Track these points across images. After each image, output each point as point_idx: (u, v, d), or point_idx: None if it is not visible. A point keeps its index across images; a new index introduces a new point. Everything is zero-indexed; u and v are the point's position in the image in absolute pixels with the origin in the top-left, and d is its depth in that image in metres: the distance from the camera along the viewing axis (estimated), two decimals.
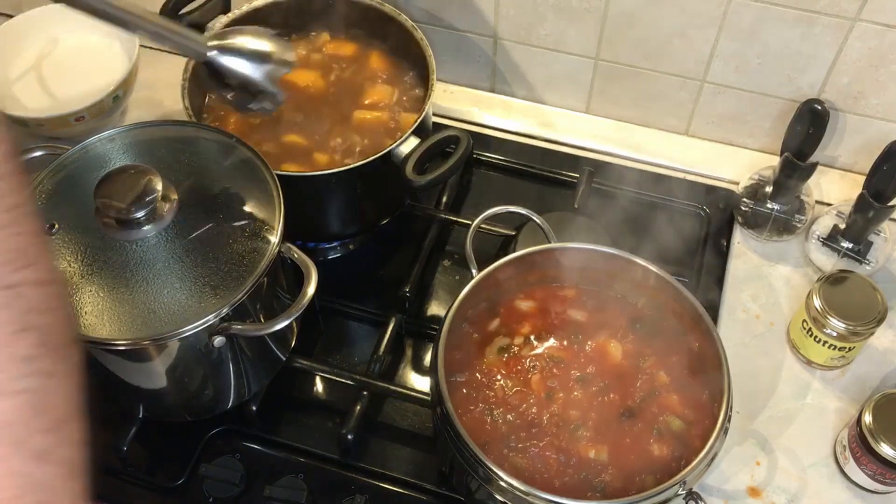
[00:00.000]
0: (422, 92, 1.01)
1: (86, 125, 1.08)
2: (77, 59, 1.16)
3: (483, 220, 0.92)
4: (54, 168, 0.82)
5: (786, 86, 1.06)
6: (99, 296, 0.74)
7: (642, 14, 1.05)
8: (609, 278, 0.88)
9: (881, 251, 1.02)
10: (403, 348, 1.00)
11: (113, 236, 0.76)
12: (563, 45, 1.13)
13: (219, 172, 0.81)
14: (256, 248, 0.78)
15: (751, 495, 0.88)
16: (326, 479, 0.89)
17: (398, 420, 0.94)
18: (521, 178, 1.14)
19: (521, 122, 1.20)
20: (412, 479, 0.90)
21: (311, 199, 0.95)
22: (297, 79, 1.04)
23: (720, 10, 1.01)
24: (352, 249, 1.08)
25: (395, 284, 1.01)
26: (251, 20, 1.04)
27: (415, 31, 1.01)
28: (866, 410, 0.84)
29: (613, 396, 0.83)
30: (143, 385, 0.83)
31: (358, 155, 0.97)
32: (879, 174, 0.96)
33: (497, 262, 0.85)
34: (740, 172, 1.11)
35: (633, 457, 0.79)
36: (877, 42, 0.98)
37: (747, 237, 1.07)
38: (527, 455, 0.79)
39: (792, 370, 0.97)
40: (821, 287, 0.91)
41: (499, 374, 0.84)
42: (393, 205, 1.05)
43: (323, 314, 1.02)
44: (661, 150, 1.16)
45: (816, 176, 1.02)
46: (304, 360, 0.94)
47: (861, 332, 0.90)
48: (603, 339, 0.86)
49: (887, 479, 0.85)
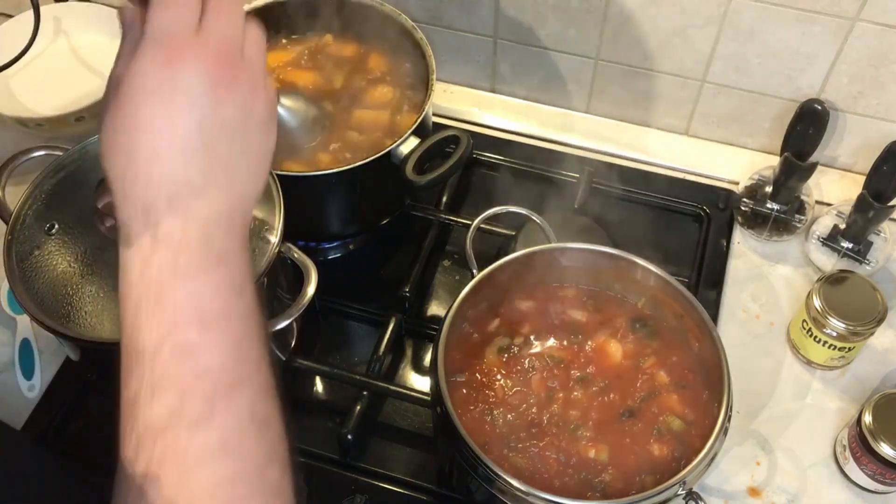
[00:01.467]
0: (422, 92, 1.01)
1: (86, 125, 1.08)
2: (77, 59, 1.16)
3: (483, 220, 0.92)
4: (54, 168, 0.81)
5: (786, 86, 1.06)
6: (99, 296, 0.74)
7: (642, 14, 1.05)
8: (609, 278, 0.88)
9: (881, 251, 1.02)
10: (403, 348, 1.00)
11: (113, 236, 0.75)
12: (563, 45, 1.13)
13: None
14: (256, 247, 0.78)
15: (751, 495, 0.88)
16: (326, 479, 0.89)
17: (398, 420, 0.94)
18: (521, 178, 1.14)
19: (521, 122, 1.20)
20: (412, 479, 0.90)
21: (311, 199, 0.95)
22: (297, 79, 1.04)
23: (720, 10, 1.01)
24: (352, 249, 1.08)
25: (395, 284, 1.01)
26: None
27: (415, 31, 1.01)
28: (866, 410, 0.84)
29: (613, 396, 0.83)
30: None
31: (358, 155, 0.97)
32: (879, 174, 0.96)
33: (497, 262, 0.85)
34: (740, 172, 1.11)
35: (633, 457, 0.79)
36: (877, 42, 0.98)
37: (747, 237, 1.07)
38: (527, 455, 0.79)
39: (792, 370, 0.97)
40: (821, 287, 0.91)
41: (499, 374, 0.84)
42: (393, 205, 1.05)
43: (323, 314, 1.02)
44: (661, 150, 1.16)
45: (816, 176, 1.02)
46: (304, 360, 0.94)
47: (861, 332, 0.90)
48: (603, 339, 0.86)
49: (887, 479, 0.85)
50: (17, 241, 0.77)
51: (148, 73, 0.50)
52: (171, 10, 0.52)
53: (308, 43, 1.08)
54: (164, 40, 0.51)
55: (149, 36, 0.51)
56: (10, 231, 0.77)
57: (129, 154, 0.50)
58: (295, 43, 1.08)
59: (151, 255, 0.50)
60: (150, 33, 0.51)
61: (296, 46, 1.07)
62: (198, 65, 0.51)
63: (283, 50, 1.07)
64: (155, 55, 0.51)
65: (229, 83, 0.52)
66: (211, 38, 0.52)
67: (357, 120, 1.01)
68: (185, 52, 0.51)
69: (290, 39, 1.08)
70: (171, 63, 0.50)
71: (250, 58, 0.54)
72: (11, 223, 0.78)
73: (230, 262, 0.52)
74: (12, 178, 0.85)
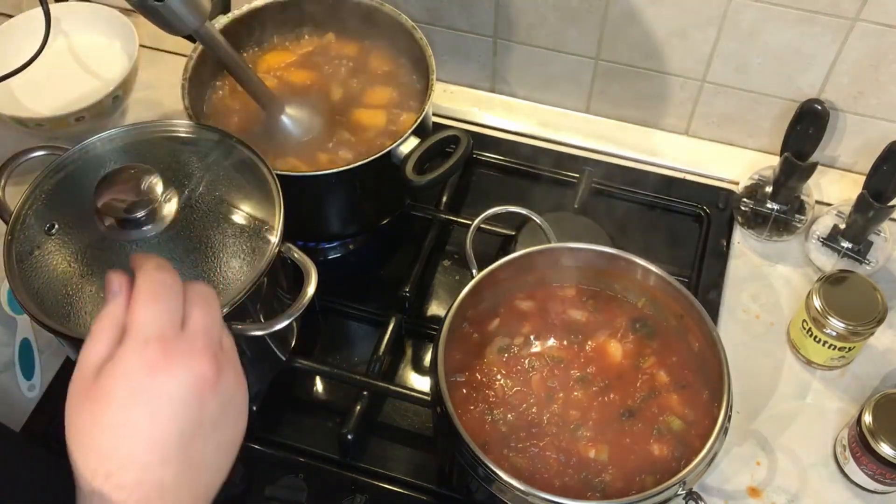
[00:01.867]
0: (422, 92, 1.01)
1: (86, 125, 1.08)
2: (77, 59, 1.16)
3: (483, 220, 0.92)
4: (54, 168, 0.81)
5: (786, 86, 1.06)
6: (99, 296, 0.74)
7: (642, 14, 1.05)
8: (609, 278, 0.88)
9: (881, 251, 1.02)
10: (403, 348, 1.00)
11: (113, 236, 0.75)
12: (563, 45, 1.13)
13: (219, 172, 0.81)
14: (256, 247, 0.78)
15: (751, 495, 0.88)
16: (326, 479, 0.89)
17: (398, 420, 0.94)
18: (521, 178, 1.14)
19: (521, 122, 1.20)
20: (412, 479, 0.90)
21: (311, 199, 0.95)
22: (297, 79, 1.04)
23: (720, 10, 1.01)
24: (352, 249, 1.08)
25: (395, 284, 1.01)
26: (251, 20, 1.04)
27: (415, 31, 1.01)
28: (866, 410, 0.84)
29: (613, 396, 0.83)
30: None
31: (357, 155, 0.97)
32: (879, 174, 0.96)
33: (497, 262, 0.85)
34: (740, 172, 1.11)
35: (633, 457, 0.79)
36: (877, 42, 0.98)
37: (747, 237, 1.07)
38: (527, 455, 0.79)
39: (792, 370, 0.97)
40: (821, 287, 0.91)
41: (499, 374, 0.84)
42: (393, 205, 1.05)
43: (323, 314, 1.02)
44: (660, 150, 1.16)
45: (816, 176, 1.02)
46: (304, 360, 0.94)
47: (861, 332, 0.90)
48: (603, 339, 0.86)
49: (887, 479, 0.85)
50: (16, 241, 0.77)
51: (134, 376, 0.51)
52: (157, 310, 0.53)
53: (308, 43, 1.08)
54: (150, 342, 0.52)
55: (135, 335, 0.52)
56: (10, 231, 0.77)
57: (106, 455, 0.51)
58: (295, 43, 1.08)
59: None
60: (136, 333, 0.52)
61: (296, 46, 1.07)
62: (185, 368, 0.52)
63: (284, 50, 1.07)
64: (142, 358, 0.51)
65: (214, 382, 0.53)
66: (197, 338, 0.53)
67: (357, 120, 1.01)
68: (172, 356, 0.52)
69: (290, 40, 1.08)
70: (157, 369, 0.51)
71: (228, 349, 0.56)
72: (11, 223, 0.78)
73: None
74: (12, 178, 0.85)
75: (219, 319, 0.57)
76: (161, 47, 1.23)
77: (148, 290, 0.54)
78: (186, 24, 0.83)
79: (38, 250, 0.76)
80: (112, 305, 0.54)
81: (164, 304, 0.54)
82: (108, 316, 0.54)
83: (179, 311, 0.55)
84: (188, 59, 0.98)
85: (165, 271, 0.56)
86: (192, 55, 0.98)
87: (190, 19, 0.83)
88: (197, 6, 0.83)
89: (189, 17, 0.82)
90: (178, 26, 0.83)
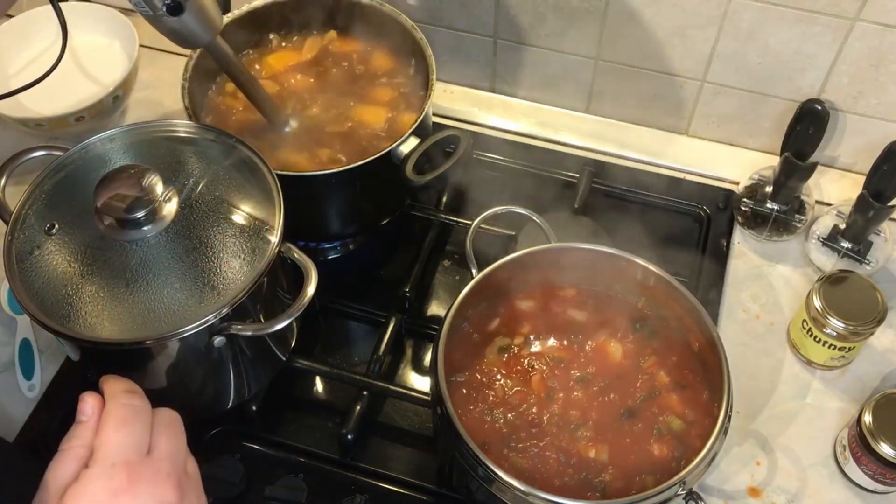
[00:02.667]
0: (422, 92, 1.01)
1: (86, 125, 1.08)
2: (77, 59, 1.16)
3: (483, 220, 0.92)
4: (54, 168, 0.81)
5: (786, 86, 1.06)
6: (99, 296, 0.74)
7: (642, 14, 1.05)
8: (609, 278, 0.88)
9: (881, 251, 1.02)
10: (403, 348, 1.00)
11: (113, 236, 0.75)
12: (563, 45, 1.13)
13: (219, 172, 0.81)
14: (256, 248, 0.78)
15: (751, 495, 0.88)
16: (326, 479, 0.89)
17: (398, 420, 0.94)
18: (521, 178, 1.14)
19: (521, 122, 1.20)
20: (412, 479, 0.90)
21: (311, 199, 0.95)
22: (297, 78, 1.04)
23: (720, 10, 1.01)
24: (352, 249, 1.08)
25: (395, 284, 1.01)
26: (251, 20, 1.04)
27: (415, 31, 1.01)
28: (866, 410, 0.84)
29: (613, 396, 0.83)
30: (143, 385, 0.82)
31: (357, 155, 0.97)
32: (879, 174, 0.96)
33: (497, 262, 0.85)
34: (740, 172, 1.11)
35: (633, 457, 0.79)
36: (877, 42, 0.98)
37: (747, 237, 1.07)
38: (527, 455, 0.79)
39: (792, 370, 0.97)
40: (821, 287, 0.91)
41: (499, 374, 0.84)
42: (393, 205, 1.05)
43: (323, 314, 1.02)
44: (661, 150, 1.16)
45: (816, 176, 1.02)
46: (304, 360, 0.94)
47: (861, 332, 0.90)
48: (603, 339, 0.86)
49: (887, 479, 0.85)
50: (16, 241, 0.77)
51: (98, 499, 0.53)
52: (125, 435, 0.55)
53: (308, 43, 1.08)
54: (116, 467, 0.53)
55: (101, 459, 0.54)
56: (10, 231, 0.77)
57: None
58: (295, 43, 1.08)
59: None
60: (103, 457, 0.54)
61: (296, 47, 1.07)
62: (148, 495, 0.54)
63: (284, 50, 1.07)
64: (107, 482, 0.53)
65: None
66: (162, 464, 0.55)
67: (357, 119, 1.01)
68: (137, 482, 0.53)
69: (290, 40, 1.08)
70: (122, 493, 0.53)
71: (192, 473, 0.58)
72: (11, 223, 0.78)
73: None
74: (12, 178, 0.85)
75: (183, 445, 0.59)
76: (161, 47, 1.23)
77: (117, 416, 0.56)
78: (199, 38, 0.85)
79: (38, 250, 0.76)
80: (81, 427, 0.56)
81: (132, 430, 0.56)
82: (77, 437, 0.56)
83: (147, 436, 0.57)
84: (188, 59, 0.98)
85: (135, 396, 0.59)
86: (193, 55, 0.98)
87: (203, 34, 0.85)
88: (211, 21, 0.85)
89: (202, 32, 0.85)
90: (191, 40, 0.85)
